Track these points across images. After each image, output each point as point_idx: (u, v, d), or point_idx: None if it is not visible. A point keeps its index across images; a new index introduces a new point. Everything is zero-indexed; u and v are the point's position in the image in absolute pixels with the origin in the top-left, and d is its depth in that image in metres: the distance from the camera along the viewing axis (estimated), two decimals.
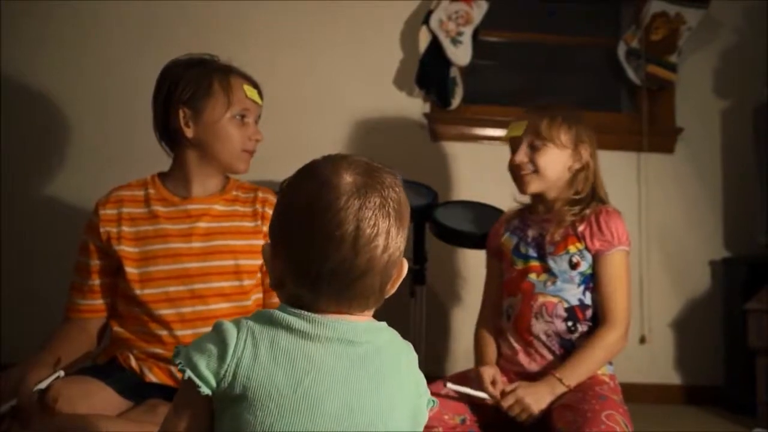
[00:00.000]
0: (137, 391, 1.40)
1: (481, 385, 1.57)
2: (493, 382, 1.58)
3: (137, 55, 2.52)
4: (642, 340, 2.63)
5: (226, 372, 0.75)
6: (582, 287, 1.64)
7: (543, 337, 1.63)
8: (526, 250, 1.70)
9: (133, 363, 1.44)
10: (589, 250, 1.64)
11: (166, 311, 1.44)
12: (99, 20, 2.58)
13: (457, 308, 2.61)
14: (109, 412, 1.30)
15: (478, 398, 1.56)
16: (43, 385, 1.28)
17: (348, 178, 0.78)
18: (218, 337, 0.77)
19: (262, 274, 1.53)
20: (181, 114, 1.51)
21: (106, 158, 2.51)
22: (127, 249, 1.48)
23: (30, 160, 2.54)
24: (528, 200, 1.80)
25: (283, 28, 2.65)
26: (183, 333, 1.44)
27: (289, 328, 0.77)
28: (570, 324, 1.62)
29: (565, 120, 1.68)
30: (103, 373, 1.39)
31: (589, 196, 1.69)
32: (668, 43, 2.70)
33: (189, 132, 1.51)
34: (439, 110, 2.68)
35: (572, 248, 1.64)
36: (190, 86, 1.50)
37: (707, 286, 2.72)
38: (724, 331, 2.64)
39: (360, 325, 0.80)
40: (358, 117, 2.64)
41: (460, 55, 2.60)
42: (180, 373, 0.76)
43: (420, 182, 2.27)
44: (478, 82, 2.82)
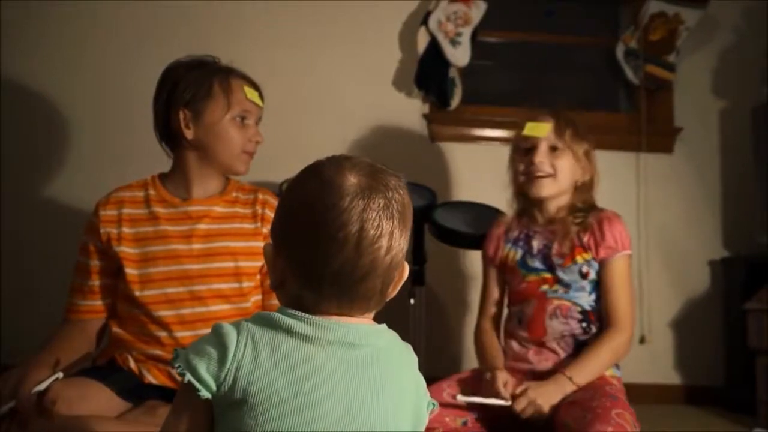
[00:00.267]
0: (136, 392, 1.40)
1: (495, 389, 1.56)
2: (505, 386, 1.57)
3: (137, 56, 2.51)
4: (642, 340, 2.62)
5: (226, 376, 0.74)
6: (593, 294, 1.68)
7: (558, 337, 1.65)
8: (533, 262, 1.71)
9: (132, 364, 1.44)
10: (595, 258, 1.67)
11: (165, 312, 1.44)
12: (99, 21, 2.58)
13: (457, 309, 2.60)
14: (108, 413, 1.30)
15: (491, 405, 1.55)
16: (42, 386, 1.27)
17: (352, 179, 0.77)
18: (218, 340, 0.76)
19: (262, 275, 1.53)
20: (182, 115, 1.50)
21: (106, 158, 2.50)
22: (127, 250, 1.48)
23: (30, 161, 2.53)
24: (515, 206, 1.81)
25: (282, 29, 2.65)
26: (182, 334, 1.43)
27: (290, 331, 0.76)
28: (584, 325, 1.65)
29: (582, 132, 1.72)
30: (102, 375, 1.39)
31: (589, 206, 1.73)
32: (666, 43, 2.70)
33: (189, 133, 1.51)
34: (438, 111, 2.68)
35: (580, 258, 1.67)
36: (191, 88, 1.50)
37: (706, 286, 2.72)
38: (724, 331, 2.64)
39: (361, 328, 0.79)
40: (357, 117, 2.64)
41: (459, 55, 2.60)
42: (180, 377, 0.76)
43: (419, 183, 2.27)
44: (477, 83, 2.82)
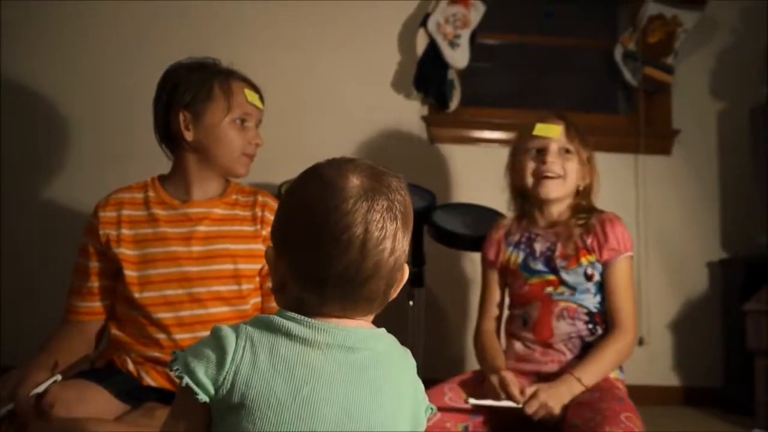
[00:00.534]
0: (134, 394, 1.39)
1: (506, 390, 1.55)
2: (515, 388, 1.55)
3: (137, 56, 2.52)
4: (641, 342, 2.62)
5: (224, 379, 0.74)
6: (599, 296, 1.68)
7: (565, 338, 1.65)
8: (535, 265, 1.71)
9: (131, 366, 1.43)
10: (598, 260, 1.67)
11: (164, 315, 1.44)
12: (99, 21, 2.58)
13: (456, 311, 2.60)
14: (106, 415, 1.30)
15: (502, 408, 1.55)
16: (40, 389, 1.27)
17: (355, 181, 0.77)
18: (217, 343, 0.76)
19: (261, 278, 1.53)
20: (182, 117, 1.50)
21: (106, 159, 2.50)
22: (126, 252, 1.48)
23: (30, 161, 2.53)
24: (513, 207, 1.82)
25: (281, 30, 2.65)
26: (181, 337, 1.43)
27: (289, 335, 0.76)
28: (591, 327, 1.66)
29: (586, 137, 1.74)
30: (101, 377, 1.39)
31: (590, 208, 1.74)
32: (665, 45, 2.71)
33: (189, 135, 1.51)
34: (437, 113, 2.68)
35: (584, 260, 1.67)
36: (191, 90, 1.50)
37: (705, 287, 2.72)
38: (723, 332, 2.64)
39: (360, 332, 0.79)
40: (357, 119, 2.64)
41: (458, 57, 2.60)
42: (178, 380, 0.75)
43: (418, 185, 2.26)
44: (476, 85, 2.82)
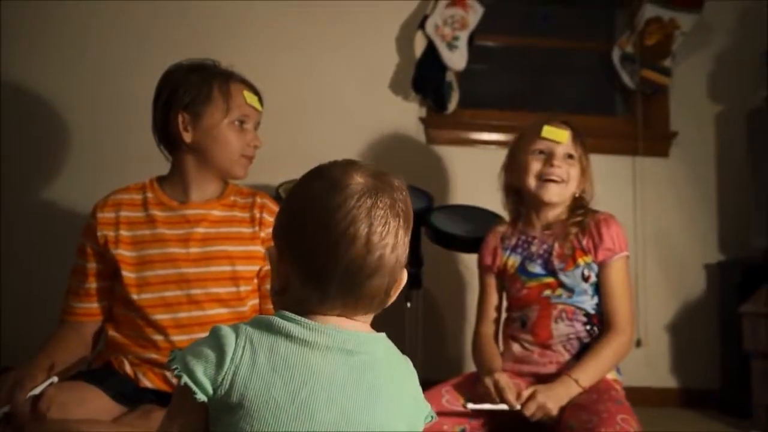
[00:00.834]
0: (131, 396, 1.39)
1: (501, 395, 1.55)
2: (511, 390, 1.56)
3: (137, 57, 2.51)
4: (638, 344, 2.62)
5: (223, 379, 0.74)
6: (596, 297, 1.69)
7: (564, 340, 1.65)
8: (533, 268, 1.72)
9: (128, 368, 1.43)
10: (595, 261, 1.68)
11: (162, 316, 1.44)
12: (98, 21, 2.57)
13: (454, 312, 2.60)
14: (103, 417, 1.29)
15: (500, 410, 1.55)
16: (37, 391, 1.27)
17: (359, 179, 0.79)
18: (216, 342, 0.76)
19: (259, 280, 1.53)
20: (180, 119, 1.50)
21: (106, 160, 2.50)
22: (124, 253, 1.48)
23: (29, 162, 2.53)
24: (508, 209, 1.83)
25: (280, 31, 2.65)
26: (179, 338, 1.43)
27: (288, 336, 0.76)
28: (588, 328, 1.66)
29: (587, 146, 1.76)
30: (98, 378, 1.38)
31: (585, 210, 1.74)
32: (662, 48, 2.71)
33: (188, 137, 1.51)
34: (435, 114, 2.68)
35: (581, 261, 1.68)
36: (190, 91, 1.50)
37: (702, 289, 2.73)
38: (720, 335, 2.64)
39: (359, 336, 0.80)
40: (355, 120, 2.64)
41: (456, 59, 2.60)
42: (176, 379, 0.75)
43: (416, 186, 2.27)
44: (474, 87, 2.82)
